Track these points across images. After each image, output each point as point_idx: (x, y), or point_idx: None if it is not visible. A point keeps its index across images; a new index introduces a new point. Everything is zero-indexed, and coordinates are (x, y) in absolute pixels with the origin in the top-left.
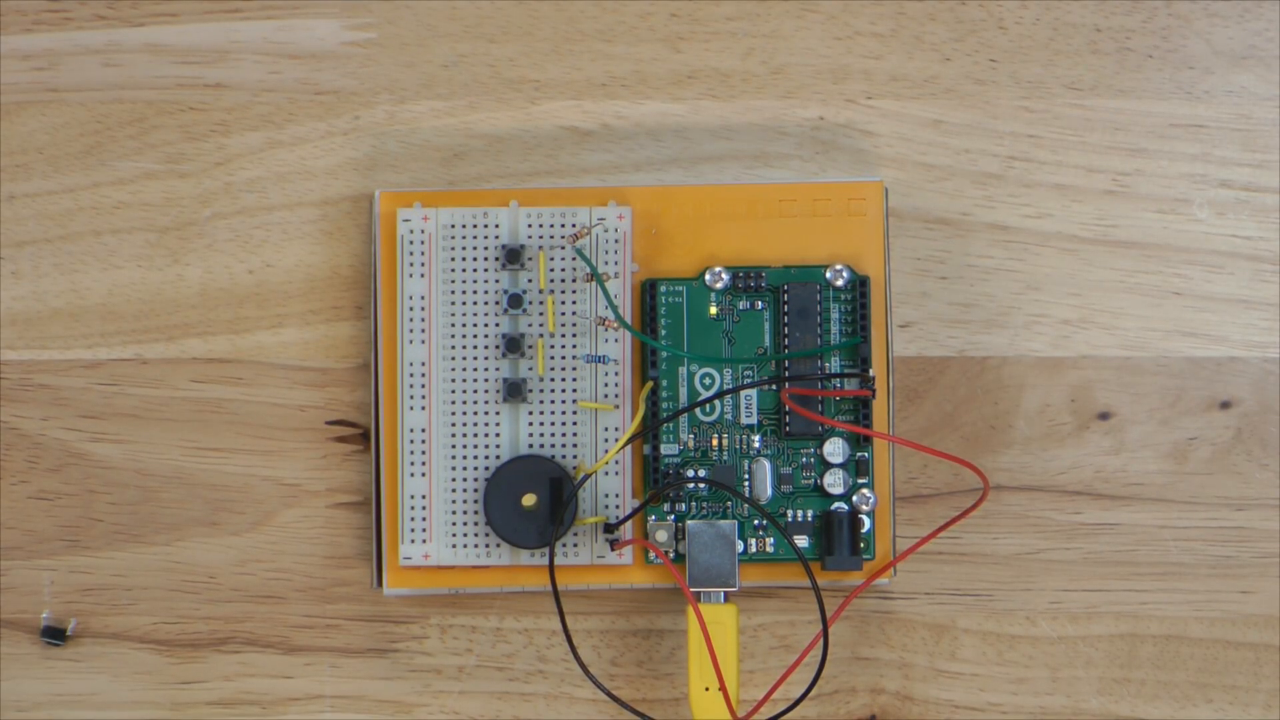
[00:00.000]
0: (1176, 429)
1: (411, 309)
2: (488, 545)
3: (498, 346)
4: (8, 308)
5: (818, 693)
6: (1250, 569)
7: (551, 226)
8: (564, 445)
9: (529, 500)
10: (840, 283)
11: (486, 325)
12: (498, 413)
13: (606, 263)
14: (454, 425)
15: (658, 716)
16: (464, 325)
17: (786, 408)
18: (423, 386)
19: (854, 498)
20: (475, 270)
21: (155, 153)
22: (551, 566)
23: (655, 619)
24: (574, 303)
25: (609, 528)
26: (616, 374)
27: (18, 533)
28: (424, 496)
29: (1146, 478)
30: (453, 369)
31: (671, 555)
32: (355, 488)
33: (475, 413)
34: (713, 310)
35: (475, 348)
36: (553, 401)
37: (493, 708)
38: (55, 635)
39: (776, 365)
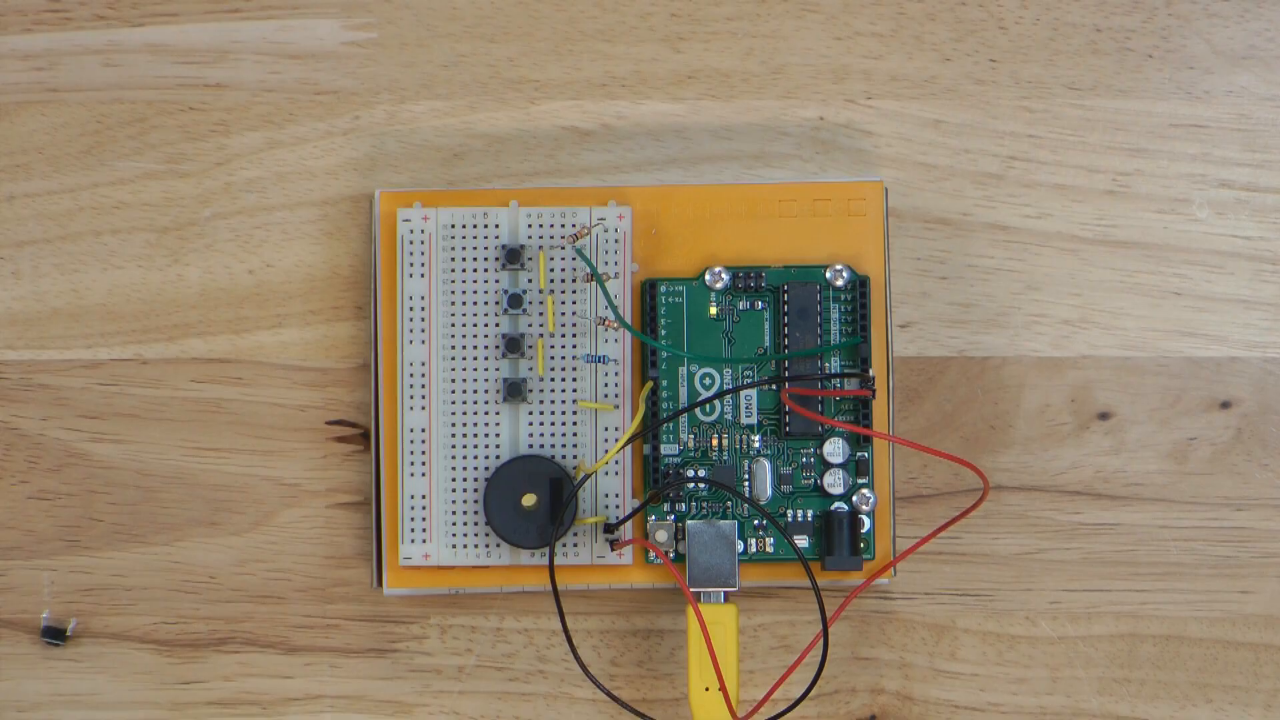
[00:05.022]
0: (1176, 429)
1: (411, 309)
2: (488, 545)
3: (498, 346)
4: (8, 308)
5: (818, 693)
6: (1250, 569)
7: (551, 226)
8: (564, 445)
9: (529, 500)
10: (840, 283)
11: (486, 325)
12: (498, 413)
13: (606, 263)
14: (454, 425)
15: (658, 716)
16: (464, 325)
17: (786, 408)
18: (423, 386)
19: (854, 498)
20: (475, 270)
21: (155, 153)
22: (551, 566)
23: (655, 619)
24: (574, 303)
25: (609, 528)
26: (616, 374)
27: (18, 533)
28: (424, 496)
29: (1146, 478)
30: (453, 369)
31: (671, 555)
32: (355, 488)
33: (475, 413)
34: (713, 310)
35: (475, 348)
36: (553, 401)
37: (493, 708)
38: (55, 635)
39: (776, 365)
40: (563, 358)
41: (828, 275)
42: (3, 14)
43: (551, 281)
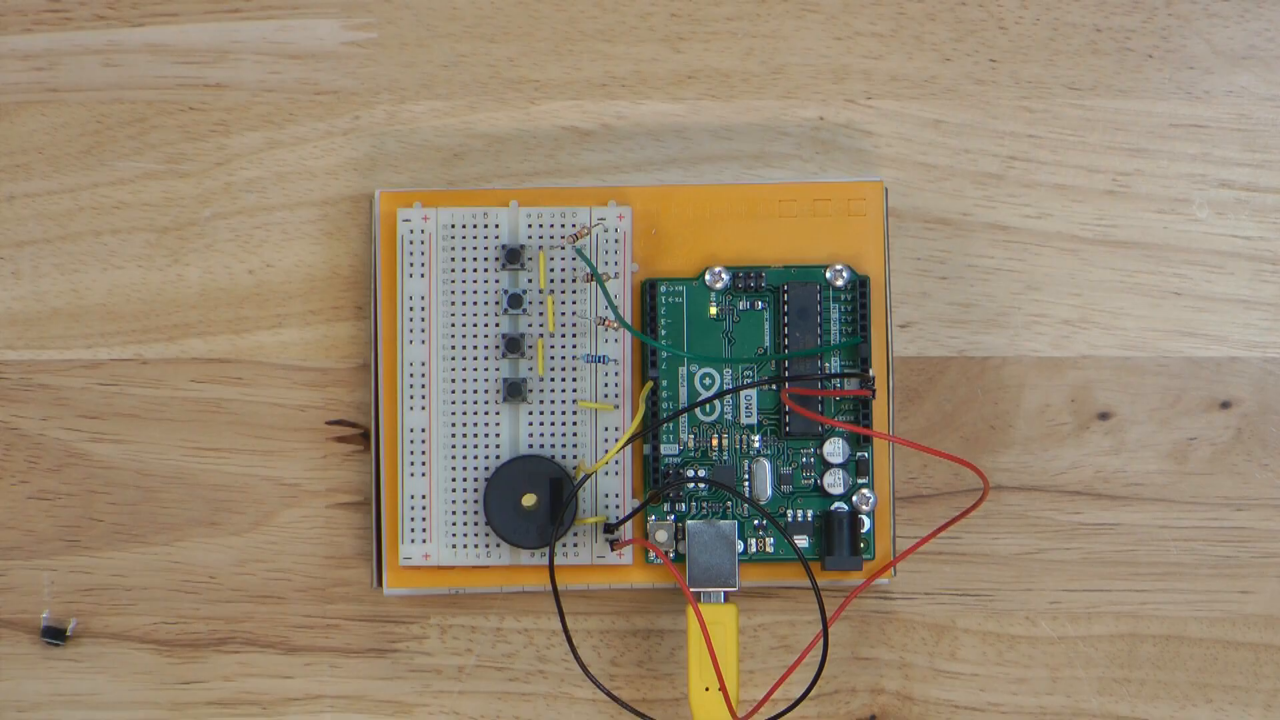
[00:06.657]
0: (1176, 429)
1: (411, 309)
2: (488, 545)
3: (498, 346)
4: (8, 308)
5: (818, 693)
6: (1250, 569)
7: (551, 226)
8: (564, 445)
9: (529, 500)
10: (840, 283)
11: (486, 325)
12: (498, 413)
13: (606, 263)
14: (454, 425)
15: (658, 716)
16: (464, 325)
17: (786, 408)
18: (423, 386)
19: (854, 498)
20: (475, 270)
21: (155, 153)
22: (551, 566)
23: (655, 619)
24: (574, 303)
25: (609, 528)
26: (616, 374)
27: (18, 533)
28: (424, 496)
29: (1146, 478)
30: (453, 369)
31: (671, 555)
32: (355, 488)
33: (475, 413)
34: (713, 310)
35: (475, 348)
36: (553, 401)
37: (493, 708)
38: (55, 635)
39: (776, 365)
40: (563, 358)
41: (828, 275)
42: (3, 14)
43: (551, 281)
